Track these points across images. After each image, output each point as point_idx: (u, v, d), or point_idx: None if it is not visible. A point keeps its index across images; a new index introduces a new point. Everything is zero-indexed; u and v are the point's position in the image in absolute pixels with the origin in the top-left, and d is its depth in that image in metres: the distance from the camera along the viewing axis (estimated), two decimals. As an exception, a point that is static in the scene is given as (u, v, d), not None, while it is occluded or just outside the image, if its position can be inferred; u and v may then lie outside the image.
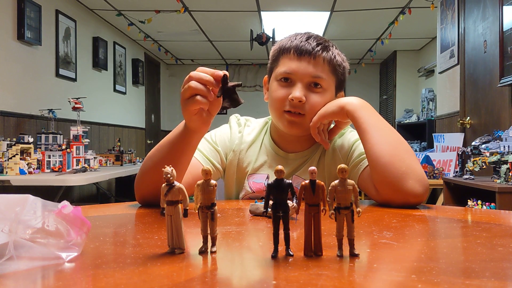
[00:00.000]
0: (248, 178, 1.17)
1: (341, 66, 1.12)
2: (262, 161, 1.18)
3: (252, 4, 4.67)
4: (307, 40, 1.08)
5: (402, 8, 4.71)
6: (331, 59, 1.08)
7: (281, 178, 0.51)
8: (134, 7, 4.73)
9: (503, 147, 2.33)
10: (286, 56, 1.09)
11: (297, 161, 1.17)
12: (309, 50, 1.06)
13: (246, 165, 1.18)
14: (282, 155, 1.18)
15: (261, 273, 0.46)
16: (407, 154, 0.96)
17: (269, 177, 1.16)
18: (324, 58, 1.07)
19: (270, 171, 1.16)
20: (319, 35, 1.13)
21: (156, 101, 7.39)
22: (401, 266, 0.49)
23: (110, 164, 4.20)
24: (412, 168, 0.94)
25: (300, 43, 1.08)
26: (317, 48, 1.07)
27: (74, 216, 0.53)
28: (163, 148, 0.96)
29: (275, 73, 1.12)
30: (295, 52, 1.07)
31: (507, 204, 2.11)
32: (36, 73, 3.79)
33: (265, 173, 1.17)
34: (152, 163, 0.96)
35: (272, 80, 1.13)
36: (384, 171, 0.94)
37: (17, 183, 2.70)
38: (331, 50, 1.10)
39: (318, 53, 1.06)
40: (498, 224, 0.75)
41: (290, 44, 1.09)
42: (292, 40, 1.10)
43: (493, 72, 3.12)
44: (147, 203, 1.00)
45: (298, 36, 1.11)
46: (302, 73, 1.06)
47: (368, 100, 1.05)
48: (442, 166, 3.74)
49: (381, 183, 0.96)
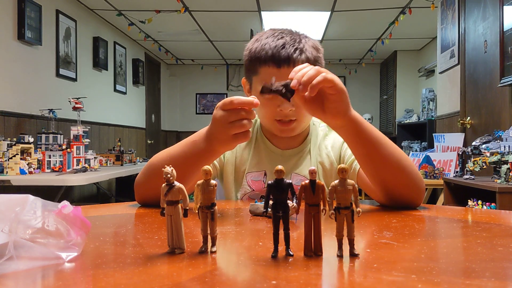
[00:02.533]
0: (246, 176, 1.18)
1: (318, 59, 1.10)
2: (259, 159, 1.19)
3: (253, 4, 4.67)
4: (283, 48, 1.04)
5: (402, 8, 4.71)
6: (309, 59, 1.06)
7: (281, 178, 0.51)
8: (134, 7, 4.73)
9: (504, 147, 2.33)
10: (264, 67, 1.06)
11: (294, 158, 1.18)
12: (287, 58, 1.03)
13: (243, 163, 1.19)
14: (278, 153, 1.20)
15: (261, 273, 0.46)
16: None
17: (267, 174, 1.17)
18: (303, 62, 1.04)
19: (267, 168, 1.17)
20: (291, 32, 1.10)
21: (157, 101, 7.39)
22: (401, 266, 0.49)
23: (110, 164, 4.20)
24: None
25: (276, 52, 1.04)
26: (294, 54, 1.04)
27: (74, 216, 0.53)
28: (176, 161, 0.92)
29: (255, 82, 1.10)
30: (273, 64, 1.04)
31: (507, 204, 2.11)
32: (36, 73, 3.80)
33: (262, 170, 1.18)
34: (161, 172, 0.95)
35: (254, 90, 1.12)
36: (410, 174, 0.93)
37: (18, 183, 2.70)
38: (306, 48, 1.06)
39: (296, 59, 1.04)
40: (498, 224, 0.75)
41: (266, 54, 1.05)
42: (266, 47, 1.05)
43: (493, 72, 3.12)
44: (147, 205, 1.00)
45: (270, 41, 1.06)
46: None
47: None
48: (443, 166, 3.73)
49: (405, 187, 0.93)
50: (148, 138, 6.84)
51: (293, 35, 1.08)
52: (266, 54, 1.05)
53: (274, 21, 5.24)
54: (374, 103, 7.71)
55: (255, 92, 1.10)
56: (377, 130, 0.94)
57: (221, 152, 0.94)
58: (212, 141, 0.88)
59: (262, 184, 1.16)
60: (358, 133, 0.89)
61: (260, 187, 1.16)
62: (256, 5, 4.70)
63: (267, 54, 1.05)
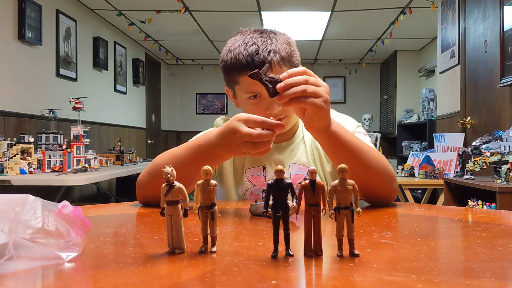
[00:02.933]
0: (246, 173, 1.18)
1: (293, 54, 1.11)
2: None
3: (253, 4, 4.67)
4: (257, 54, 1.04)
5: (402, 8, 4.70)
6: (284, 58, 1.07)
7: (281, 178, 0.51)
8: (134, 7, 4.73)
9: (504, 147, 2.33)
10: (243, 77, 1.06)
11: (289, 148, 1.21)
12: (263, 63, 1.02)
13: (241, 161, 1.20)
14: (274, 147, 1.20)
15: (261, 273, 0.46)
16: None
17: (266, 168, 1.18)
18: (279, 62, 1.05)
19: (265, 162, 1.18)
20: (261, 34, 1.09)
21: (157, 101, 7.39)
22: (401, 266, 0.49)
23: (110, 164, 4.20)
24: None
25: (251, 61, 1.04)
26: (269, 57, 1.04)
27: (74, 216, 0.53)
28: (181, 163, 0.93)
29: (239, 91, 1.12)
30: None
31: (507, 204, 2.11)
32: (36, 73, 3.80)
33: (260, 164, 1.19)
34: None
35: (239, 99, 1.13)
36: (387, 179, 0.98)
37: (18, 183, 2.70)
38: (279, 47, 1.06)
39: (272, 61, 1.04)
40: (498, 224, 0.75)
41: (241, 64, 1.05)
42: (239, 58, 1.05)
43: (493, 72, 3.12)
44: (147, 204, 1.00)
45: (242, 50, 1.06)
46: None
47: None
48: (443, 166, 3.73)
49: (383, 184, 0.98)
50: (148, 138, 6.84)
51: (263, 37, 1.08)
52: (241, 64, 1.05)
53: (274, 21, 5.25)
54: (374, 103, 7.71)
55: (241, 101, 1.12)
56: (357, 138, 0.97)
57: (227, 158, 0.95)
58: (221, 149, 0.90)
59: (263, 178, 1.17)
60: (336, 145, 0.93)
61: (261, 182, 1.17)
62: (256, 5, 4.70)
63: (242, 64, 1.05)
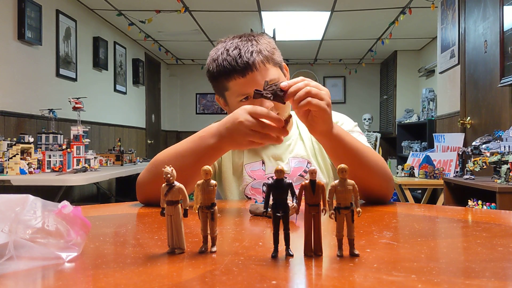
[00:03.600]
0: (245, 168, 1.20)
1: (274, 52, 1.14)
2: (254, 150, 1.22)
3: (253, 4, 4.67)
4: (240, 57, 1.07)
5: (402, 8, 4.70)
6: (267, 56, 1.10)
7: (281, 178, 0.51)
8: (134, 7, 4.73)
9: (504, 147, 2.33)
10: (232, 81, 1.09)
11: (287, 143, 1.22)
12: (248, 64, 1.07)
13: (239, 156, 1.21)
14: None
15: (261, 273, 0.46)
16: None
17: (265, 163, 1.19)
18: (262, 61, 1.08)
19: (264, 157, 1.20)
20: (241, 36, 1.13)
21: (157, 101, 7.39)
22: (401, 266, 0.49)
23: (110, 164, 4.20)
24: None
25: (236, 64, 1.07)
26: (252, 57, 1.07)
27: (74, 216, 0.53)
28: (182, 156, 0.95)
29: (230, 97, 1.14)
30: (238, 75, 1.08)
31: (507, 204, 2.11)
32: (36, 73, 3.80)
33: (259, 159, 1.20)
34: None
35: (231, 104, 1.14)
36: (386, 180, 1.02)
37: (18, 183, 2.70)
38: (261, 48, 1.09)
39: (255, 61, 1.07)
40: (498, 224, 0.75)
41: (226, 69, 1.08)
42: (224, 64, 1.08)
43: (493, 72, 3.12)
44: (148, 204, 1.00)
45: (225, 56, 1.09)
46: (256, 87, 1.07)
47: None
48: (443, 166, 3.73)
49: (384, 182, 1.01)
50: (148, 138, 6.84)
51: (243, 40, 1.11)
52: (226, 70, 1.08)
53: (274, 21, 5.25)
54: (374, 103, 7.71)
55: (233, 106, 1.13)
56: (357, 140, 1.00)
57: (227, 150, 0.96)
58: (223, 139, 0.91)
59: (263, 172, 1.19)
60: (339, 148, 0.96)
61: (261, 176, 1.18)
62: (256, 5, 4.70)
63: (227, 69, 1.08)
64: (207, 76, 1.18)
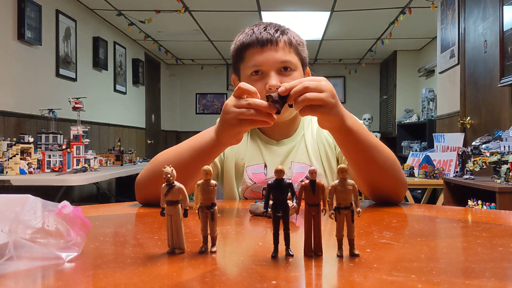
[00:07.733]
0: (246, 170, 1.18)
1: (301, 45, 1.16)
2: (256, 151, 1.21)
3: (253, 4, 4.67)
4: (266, 30, 1.10)
5: (402, 8, 4.71)
6: (292, 41, 1.12)
7: (281, 178, 0.51)
8: (134, 7, 4.73)
9: (503, 147, 2.33)
10: (249, 51, 1.11)
11: (290, 146, 1.21)
12: (270, 38, 1.09)
13: (241, 157, 1.20)
14: (274, 144, 1.21)
15: (261, 273, 0.46)
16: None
17: (267, 166, 1.18)
18: (285, 42, 1.10)
19: (266, 159, 1.19)
20: (274, 22, 1.16)
21: (156, 101, 7.39)
22: (401, 266, 0.49)
23: (110, 164, 4.20)
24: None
25: (259, 34, 1.10)
26: (276, 34, 1.09)
27: (74, 216, 0.53)
28: (183, 155, 0.95)
29: (243, 69, 1.14)
30: (257, 45, 1.09)
31: (507, 204, 2.11)
32: (36, 73, 3.79)
33: (261, 162, 1.19)
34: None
35: (242, 76, 1.15)
36: (399, 178, 0.99)
37: (17, 183, 2.70)
38: (289, 32, 1.13)
39: (279, 38, 1.09)
40: (498, 224, 0.75)
41: (250, 38, 1.11)
42: (249, 34, 1.12)
43: (493, 72, 3.12)
44: (147, 204, 1.00)
45: (254, 28, 1.13)
46: (271, 62, 1.08)
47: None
48: (442, 166, 3.73)
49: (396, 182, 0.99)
50: (148, 138, 6.84)
51: (272, 23, 1.14)
52: (250, 38, 1.11)
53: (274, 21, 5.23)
54: (374, 103, 7.71)
55: (244, 79, 1.13)
56: (372, 135, 0.97)
57: (226, 145, 0.95)
58: (217, 128, 0.90)
59: (264, 176, 1.17)
60: (351, 142, 0.92)
61: (262, 179, 1.16)
62: (256, 5, 4.70)
63: (251, 38, 1.11)
64: (231, 50, 1.20)
